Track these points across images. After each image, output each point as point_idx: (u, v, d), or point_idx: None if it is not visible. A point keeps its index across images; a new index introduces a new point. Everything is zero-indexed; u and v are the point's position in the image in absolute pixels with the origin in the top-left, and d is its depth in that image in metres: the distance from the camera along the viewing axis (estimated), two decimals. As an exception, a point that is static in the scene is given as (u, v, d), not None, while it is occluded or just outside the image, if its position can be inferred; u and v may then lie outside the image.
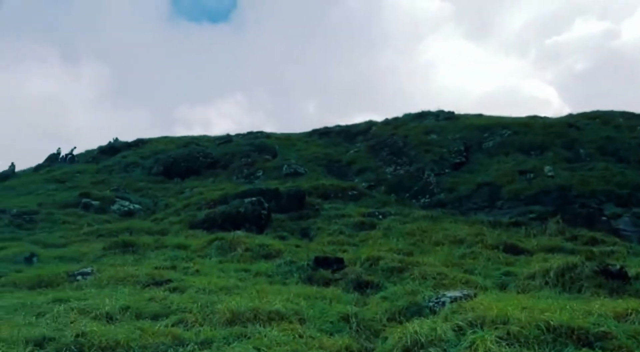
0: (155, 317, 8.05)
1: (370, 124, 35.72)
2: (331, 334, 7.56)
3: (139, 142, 36.82)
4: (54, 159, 35.61)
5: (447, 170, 26.05)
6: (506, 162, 25.50)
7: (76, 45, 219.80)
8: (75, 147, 37.19)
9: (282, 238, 16.80)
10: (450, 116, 34.21)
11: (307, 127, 41.11)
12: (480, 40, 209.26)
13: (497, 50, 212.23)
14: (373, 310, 8.85)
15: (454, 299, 8.30)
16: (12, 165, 33.92)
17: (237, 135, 38.57)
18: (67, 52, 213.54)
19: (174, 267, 12.37)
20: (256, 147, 32.46)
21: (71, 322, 7.49)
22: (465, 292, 8.84)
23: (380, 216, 19.79)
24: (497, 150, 27.20)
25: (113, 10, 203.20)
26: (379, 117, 37.38)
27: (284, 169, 28.51)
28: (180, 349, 6.50)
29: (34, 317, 8.06)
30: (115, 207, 22.63)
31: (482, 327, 6.18)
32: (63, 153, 35.94)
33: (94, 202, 22.55)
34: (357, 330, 7.98)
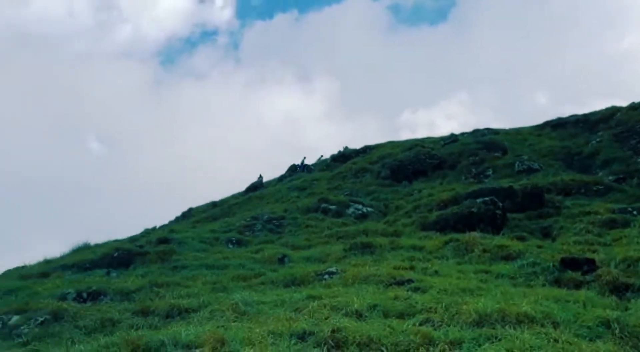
0: (401, 315, 8.27)
1: (613, 110, 32.05)
2: (590, 340, 6.96)
3: (367, 149, 38.37)
4: (294, 169, 39.05)
5: None
6: None
7: (308, 65, 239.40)
8: (305, 158, 40.36)
9: (521, 238, 15.94)
10: None
11: (536, 120, 38.43)
12: None
13: None
14: (637, 315, 7.93)
15: None
16: (260, 177, 38.01)
17: (463, 134, 37.84)
18: (301, 72, 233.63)
19: (412, 268, 12.55)
20: (484, 144, 31.44)
21: (325, 318, 8.06)
22: None
23: (635, 212, 17.59)
24: None
25: (339, 28, 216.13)
26: (622, 103, 33.22)
27: (516, 165, 27.13)
28: (431, 349, 6.53)
29: (293, 312, 8.86)
30: (350, 210, 23.88)
31: None
32: (305, 163, 39.24)
33: (331, 207, 24.08)
34: (621, 337, 7.22)
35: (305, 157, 40.09)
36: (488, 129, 37.24)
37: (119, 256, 17.23)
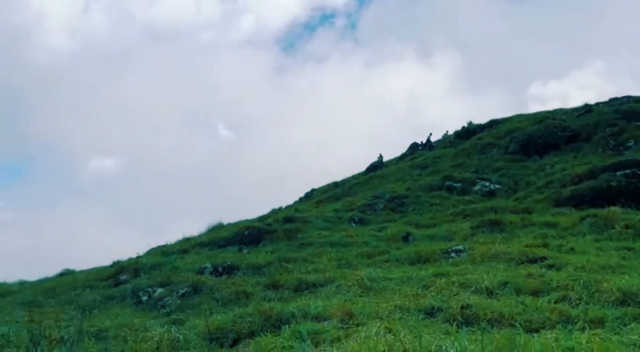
0: (534, 293, 7.86)
1: None
2: None
3: (493, 123, 36.74)
4: (415, 147, 38.47)
5: None
6: None
7: (428, 41, 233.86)
8: (431, 134, 39.52)
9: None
10: None
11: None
12: None
13: None
14: None
15: None
16: (380, 157, 37.89)
17: (598, 104, 34.93)
18: (421, 48, 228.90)
19: (545, 245, 11.89)
20: (623, 114, 28.78)
21: (454, 295, 7.86)
22: None
23: None
24: None
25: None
26: None
27: (661, 135, 24.64)
28: (569, 326, 6.12)
29: (420, 289, 8.75)
30: (476, 188, 23.08)
31: None
32: (428, 140, 38.52)
33: (456, 185, 23.43)
34: None
35: (431, 134, 39.41)
36: (628, 97, 34.04)
37: (250, 234, 18.06)
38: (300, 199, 35.11)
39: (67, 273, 17.66)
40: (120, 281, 13.62)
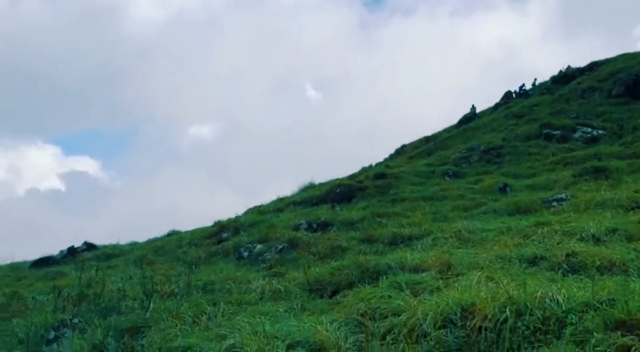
0: (648, 240, 7.36)
1: None
2: None
3: (593, 66, 34.31)
4: (509, 96, 36.73)
5: None
6: None
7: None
8: (523, 84, 37.52)
9: None
10: None
11: None
12: None
13: None
14: None
15: None
16: (473, 108, 36.60)
17: None
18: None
19: (658, 190, 11.06)
20: None
21: (557, 243, 7.52)
22: None
23: None
24: None
25: None
26: None
27: None
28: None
29: (521, 239, 8.45)
30: (577, 134, 21.80)
31: None
32: (523, 88, 36.66)
33: (554, 132, 22.24)
34: None
35: (524, 84, 37.43)
36: None
37: (341, 192, 18.19)
38: (391, 156, 34.82)
39: (173, 233, 18.71)
40: (222, 239, 14.24)
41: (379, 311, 5.61)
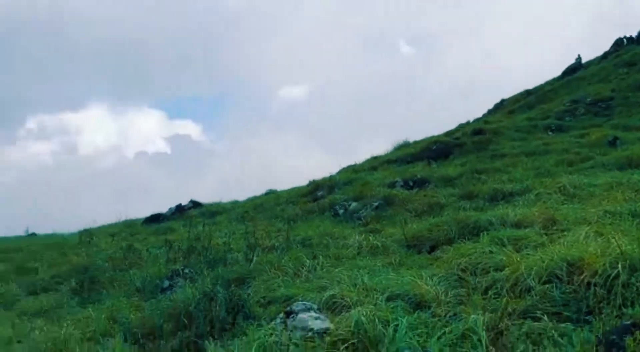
0: None
1: None
2: None
3: None
4: (620, 43, 33.95)
5: None
6: None
7: None
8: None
9: None
10: None
11: None
12: None
13: None
14: None
15: None
16: (579, 58, 34.24)
17: None
18: None
19: None
20: None
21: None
22: None
23: None
24: None
25: None
26: None
27: None
28: None
29: (633, 194, 7.95)
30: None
31: None
32: (639, 33, 33.73)
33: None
34: None
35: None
36: None
37: (437, 149, 17.83)
38: (489, 111, 33.51)
39: (270, 192, 19.29)
40: (318, 197, 14.49)
41: (480, 266, 5.52)
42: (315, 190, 15.52)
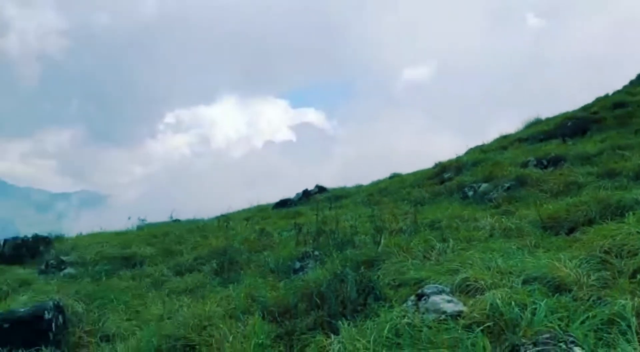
0: None
1: None
2: None
3: None
4: None
5: None
6: None
7: None
8: None
9: None
10: None
11: None
12: None
13: None
14: None
15: None
16: None
17: None
18: None
19: None
20: None
21: None
22: None
23: None
24: None
25: None
26: None
27: None
28: None
29: None
30: None
31: None
32: None
33: None
34: None
35: None
36: None
37: (573, 125, 16.70)
38: (631, 82, 30.67)
39: (395, 176, 19.20)
40: (444, 179, 14.19)
41: (626, 248, 5.13)
42: (441, 172, 15.23)
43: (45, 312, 6.49)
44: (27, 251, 11.99)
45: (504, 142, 17.88)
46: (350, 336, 4.34)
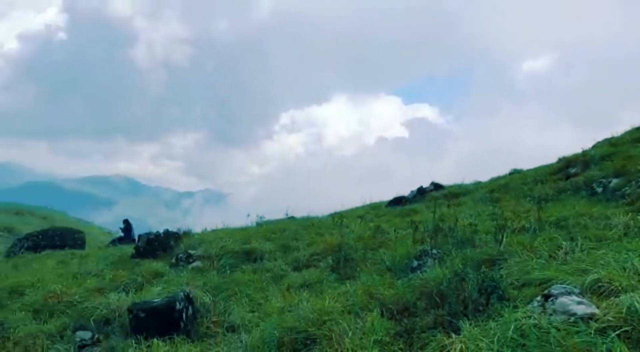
0: None
1: None
2: None
3: None
4: None
5: None
6: None
7: None
8: None
9: None
10: None
11: None
12: None
13: None
14: None
15: None
16: None
17: None
18: None
19: None
20: None
21: None
22: None
23: None
24: None
25: None
26: None
27: None
28: None
29: None
30: None
31: None
32: None
33: None
34: None
35: None
36: None
37: None
38: None
39: (515, 172, 18.39)
40: (570, 175, 13.39)
41: None
42: (566, 167, 14.38)
43: (177, 303, 6.95)
44: (159, 245, 12.89)
45: (637, 135, 16.49)
46: (472, 335, 4.23)
